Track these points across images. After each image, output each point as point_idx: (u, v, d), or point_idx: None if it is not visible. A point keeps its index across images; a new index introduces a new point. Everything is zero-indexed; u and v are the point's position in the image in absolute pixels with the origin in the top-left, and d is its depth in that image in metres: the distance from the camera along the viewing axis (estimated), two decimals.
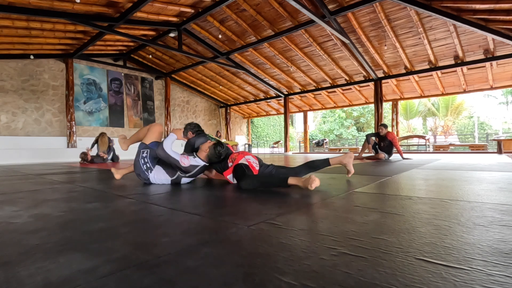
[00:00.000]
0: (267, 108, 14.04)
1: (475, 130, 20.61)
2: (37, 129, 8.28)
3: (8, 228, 1.08)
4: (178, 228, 1.03)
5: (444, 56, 7.64)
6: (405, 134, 19.79)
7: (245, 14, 7.13)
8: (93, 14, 6.27)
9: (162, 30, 7.86)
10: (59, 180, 2.80)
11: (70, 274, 0.66)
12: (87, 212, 1.31)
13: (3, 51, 7.35)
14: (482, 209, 1.23)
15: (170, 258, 0.75)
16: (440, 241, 0.84)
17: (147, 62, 10.78)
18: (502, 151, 7.97)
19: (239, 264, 0.70)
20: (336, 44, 7.89)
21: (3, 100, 7.68)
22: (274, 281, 0.61)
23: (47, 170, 4.28)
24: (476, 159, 5.36)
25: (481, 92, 18.97)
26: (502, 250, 0.76)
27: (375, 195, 1.65)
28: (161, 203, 1.50)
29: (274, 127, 22.38)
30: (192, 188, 2.03)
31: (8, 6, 5.30)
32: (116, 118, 10.07)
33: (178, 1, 6.46)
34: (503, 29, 5.72)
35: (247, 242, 0.87)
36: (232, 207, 1.38)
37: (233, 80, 11.43)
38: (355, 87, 10.24)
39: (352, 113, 23.99)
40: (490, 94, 22.58)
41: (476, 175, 2.53)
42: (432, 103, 20.16)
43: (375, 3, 5.98)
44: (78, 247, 0.85)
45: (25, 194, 1.90)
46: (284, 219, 1.13)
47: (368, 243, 0.83)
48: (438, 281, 0.59)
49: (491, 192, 1.66)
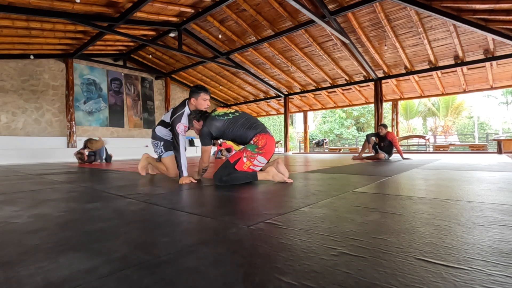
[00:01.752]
0: (267, 108, 14.04)
1: (475, 130, 20.61)
2: (37, 129, 8.28)
3: (8, 228, 1.08)
4: (178, 228, 1.03)
5: (444, 56, 7.64)
6: (405, 134, 19.79)
7: (245, 14, 7.14)
8: (93, 14, 6.27)
9: (162, 30, 7.86)
10: (59, 180, 2.80)
11: (70, 274, 0.66)
12: (87, 212, 1.31)
13: (3, 51, 7.35)
14: (482, 209, 1.23)
15: (170, 258, 0.75)
16: (440, 241, 0.84)
17: (147, 62, 10.78)
18: (502, 151, 7.97)
19: (239, 264, 0.70)
20: (336, 44, 7.89)
21: (3, 100, 7.68)
22: (274, 281, 0.61)
23: (47, 170, 4.28)
24: (476, 159, 5.36)
25: (481, 92, 18.98)
26: (502, 250, 0.76)
27: (375, 195, 1.65)
28: (161, 203, 1.50)
29: (274, 127, 22.38)
30: (192, 188, 2.03)
31: (8, 6, 5.30)
32: (116, 118, 10.08)
33: (178, 1, 6.46)
34: (503, 29, 5.72)
35: (247, 242, 0.87)
36: (232, 207, 1.38)
37: (233, 80, 11.44)
38: (355, 87, 10.24)
39: (352, 113, 24.00)
40: (490, 94, 22.60)
41: (476, 175, 2.53)
42: (432, 103, 20.17)
43: (375, 3, 5.98)
44: (78, 247, 0.85)
45: (25, 194, 1.90)
46: (284, 219, 1.13)
47: (368, 243, 0.83)
48: (438, 281, 0.59)
49: (491, 192, 1.66)
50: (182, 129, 2.35)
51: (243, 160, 2.17)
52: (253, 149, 2.18)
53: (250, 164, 2.18)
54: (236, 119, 2.30)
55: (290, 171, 3.26)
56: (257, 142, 2.20)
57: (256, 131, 2.25)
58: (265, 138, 2.21)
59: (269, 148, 2.22)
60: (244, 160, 2.17)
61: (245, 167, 2.17)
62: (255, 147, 2.18)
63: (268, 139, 2.22)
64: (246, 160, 2.17)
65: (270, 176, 2.19)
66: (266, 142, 2.20)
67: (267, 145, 2.19)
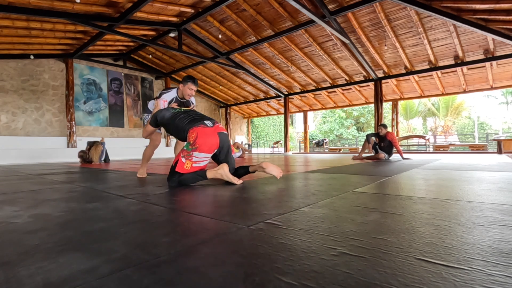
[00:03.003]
0: (267, 108, 14.04)
1: (475, 130, 20.61)
2: (37, 129, 8.28)
3: (8, 228, 1.08)
4: (178, 228, 1.03)
5: (444, 56, 7.64)
6: (405, 134, 19.79)
7: (245, 14, 7.14)
8: (93, 14, 6.27)
9: (162, 30, 7.86)
10: (59, 180, 2.80)
11: (70, 274, 0.66)
12: (87, 212, 1.31)
13: (3, 51, 7.35)
14: (482, 209, 1.23)
15: (170, 258, 0.75)
16: (440, 241, 0.84)
17: (147, 62, 10.78)
18: (502, 151, 7.97)
19: (239, 264, 0.70)
20: (336, 44, 7.89)
21: (3, 100, 7.68)
22: (274, 281, 0.61)
23: (47, 170, 4.28)
24: (476, 159, 5.36)
25: (481, 92, 18.98)
26: (502, 250, 0.76)
27: (375, 195, 1.65)
28: (161, 203, 1.50)
29: (274, 127, 22.37)
30: (192, 188, 2.03)
31: (8, 6, 5.30)
32: (116, 118, 10.08)
33: (178, 1, 6.46)
34: (503, 29, 5.72)
35: (247, 242, 0.87)
36: (232, 207, 1.38)
37: (233, 80, 11.44)
38: (355, 87, 10.24)
39: (352, 113, 23.99)
40: (490, 94, 22.60)
41: (476, 175, 2.53)
42: (432, 103, 20.17)
43: (375, 3, 5.98)
44: (78, 247, 0.85)
45: (25, 194, 1.90)
46: (284, 219, 1.13)
47: (368, 243, 0.83)
48: (438, 281, 0.59)
49: (491, 192, 1.66)
50: (161, 103, 2.72)
51: (182, 160, 2.09)
52: (187, 147, 2.11)
53: (191, 163, 2.09)
54: (184, 113, 2.28)
55: (290, 171, 3.26)
56: (189, 138, 2.11)
57: (190, 125, 2.13)
58: (195, 131, 2.07)
59: (202, 140, 2.06)
60: (183, 161, 2.09)
61: (186, 167, 2.09)
62: (188, 144, 2.11)
63: (199, 132, 2.07)
64: (185, 160, 2.09)
65: (219, 174, 2.10)
66: (197, 135, 2.06)
67: (198, 138, 2.05)
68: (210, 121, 2.21)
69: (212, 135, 2.11)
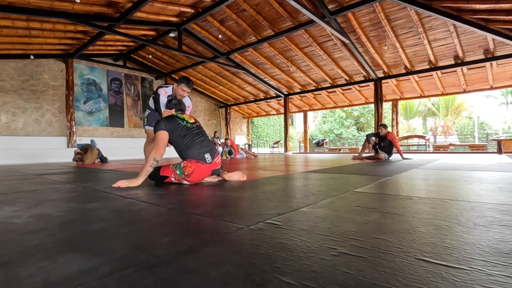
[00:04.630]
0: (267, 108, 14.04)
1: (475, 130, 20.61)
2: (37, 129, 8.28)
3: (8, 228, 1.08)
4: (178, 228, 1.03)
5: (444, 56, 7.64)
6: (405, 134, 19.79)
7: (245, 14, 7.14)
8: (93, 14, 6.27)
9: (162, 30, 7.86)
10: (59, 180, 2.80)
11: (70, 274, 0.66)
12: (87, 212, 1.31)
13: (3, 51, 7.35)
14: (482, 209, 1.23)
15: (170, 258, 0.75)
16: (440, 241, 0.84)
17: (147, 62, 10.78)
18: (502, 151, 7.97)
19: (239, 264, 0.70)
20: (336, 44, 7.89)
21: (3, 100, 7.68)
22: (274, 281, 0.61)
23: (47, 170, 4.28)
24: (476, 159, 5.36)
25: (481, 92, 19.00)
26: (502, 250, 0.76)
27: (375, 195, 1.65)
28: (161, 203, 1.50)
29: (274, 127, 22.38)
30: (192, 188, 2.03)
31: (8, 6, 5.30)
32: (116, 118, 10.08)
33: (178, 1, 6.46)
34: (503, 29, 5.72)
35: (247, 242, 0.87)
36: (232, 207, 1.38)
37: (233, 80, 11.44)
38: (355, 87, 10.24)
39: (352, 113, 23.99)
40: (490, 94, 22.59)
41: (476, 175, 2.53)
42: (432, 103, 20.17)
43: (375, 3, 5.98)
44: (78, 247, 0.85)
45: (25, 194, 1.90)
46: (284, 219, 1.13)
47: (368, 243, 0.83)
48: (438, 281, 0.59)
49: (491, 192, 1.66)
50: (163, 93, 2.86)
51: (171, 179, 2.22)
52: (180, 174, 2.18)
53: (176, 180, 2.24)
54: (188, 129, 2.29)
55: (290, 171, 3.26)
56: (185, 168, 2.18)
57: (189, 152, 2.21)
58: (193, 167, 2.17)
59: (197, 177, 2.21)
60: (172, 180, 2.22)
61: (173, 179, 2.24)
62: (182, 172, 2.18)
63: (196, 168, 2.18)
64: (174, 180, 2.23)
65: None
66: (194, 171, 2.17)
67: (194, 174, 2.18)
68: (210, 154, 2.26)
69: (207, 172, 2.26)
